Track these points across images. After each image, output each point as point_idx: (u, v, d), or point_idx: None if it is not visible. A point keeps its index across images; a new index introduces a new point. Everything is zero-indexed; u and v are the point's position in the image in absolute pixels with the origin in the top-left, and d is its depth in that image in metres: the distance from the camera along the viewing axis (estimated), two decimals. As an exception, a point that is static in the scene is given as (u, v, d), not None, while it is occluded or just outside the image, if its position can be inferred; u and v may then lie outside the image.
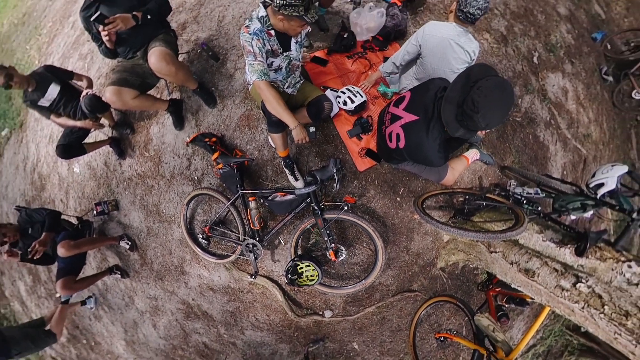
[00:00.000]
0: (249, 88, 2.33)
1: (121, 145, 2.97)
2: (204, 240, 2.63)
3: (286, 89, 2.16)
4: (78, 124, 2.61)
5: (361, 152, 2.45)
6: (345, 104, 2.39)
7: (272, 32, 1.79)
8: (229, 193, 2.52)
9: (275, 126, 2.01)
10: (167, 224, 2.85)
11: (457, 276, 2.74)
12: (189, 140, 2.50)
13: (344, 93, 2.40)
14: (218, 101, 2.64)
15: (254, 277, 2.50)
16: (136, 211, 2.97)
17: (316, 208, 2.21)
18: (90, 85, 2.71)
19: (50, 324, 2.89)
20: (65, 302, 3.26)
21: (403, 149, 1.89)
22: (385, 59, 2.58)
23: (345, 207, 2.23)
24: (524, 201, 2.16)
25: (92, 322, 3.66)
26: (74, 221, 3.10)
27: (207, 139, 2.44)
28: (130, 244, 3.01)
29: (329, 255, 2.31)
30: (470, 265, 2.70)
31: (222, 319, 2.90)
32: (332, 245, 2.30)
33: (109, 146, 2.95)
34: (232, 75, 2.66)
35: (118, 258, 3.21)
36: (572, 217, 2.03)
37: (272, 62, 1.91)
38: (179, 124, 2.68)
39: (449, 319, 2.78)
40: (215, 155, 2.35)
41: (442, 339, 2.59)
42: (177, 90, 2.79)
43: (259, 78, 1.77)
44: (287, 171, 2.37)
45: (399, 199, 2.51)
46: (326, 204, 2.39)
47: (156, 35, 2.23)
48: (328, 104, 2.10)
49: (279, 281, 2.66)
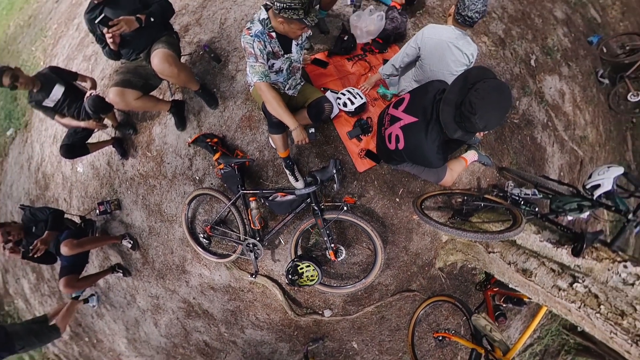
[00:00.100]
0: (250, 89, 2.35)
1: (124, 146, 2.99)
2: (205, 240, 2.65)
3: (287, 90, 2.17)
4: (82, 124, 2.63)
5: (361, 153, 2.46)
6: (345, 105, 2.40)
7: (273, 34, 1.80)
8: (230, 193, 2.53)
9: (276, 127, 2.03)
10: (169, 223, 2.87)
11: (456, 276, 2.75)
12: (190, 140, 2.52)
13: (344, 95, 2.41)
14: (220, 102, 2.66)
15: (254, 276, 2.52)
16: (138, 210, 2.99)
17: (316, 208, 2.22)
18: (94, 86, 2.74)
19: (57, 318, 2.91)
20: (75, 298, 3.30)
21: (402, 150, 1.89)
22: (385, 61, 2.60)
23: (345, 208, 2.24)
24: (522, 202, 2.18)
25: (95, 319, 3.68)
26: (77, 220, 3.13)
27: (208, 140, 2.46)
28: (132, 243, 3.03)
29: (329, 255, 2.33)
30: (469, 266, 2.71)
31: (223, 318, 2.92)
32: (332, 245, 2.31)
33: (112, 146, 2.97)
34: (234, 77, 2.68)
35: (120, 257, 3.23)
36: (569, 218, 2.04)
37: (273, 64, 1.92)
38: (181, 124, 2.70)
39: (447, 318, 2.79)
40: (217, 156, 2.36)
41: (440, 338, 2.58)
42: (180, 92, 2.81)
43: (259, 79, 1.78)
44: (287, 172, 2.39)
45: (398, 199, 2.53)
46: (326, 204, 2.40)
47: (159, 38, 2.25)
48: (328, 105, 2.11)
49: (279, 280, 2.67)
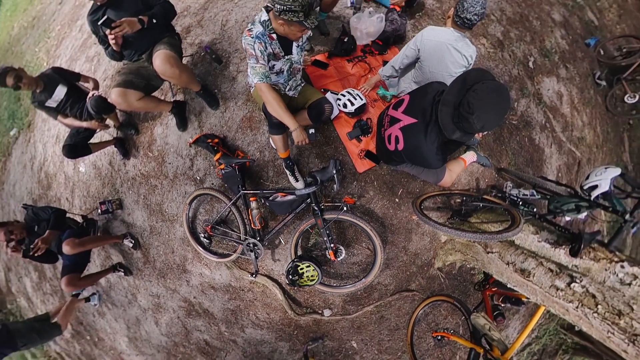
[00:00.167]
0: (251, 90, 2.37)
1: (126, 146, 3.01)
2: (205, 240, 2.67)
3: (287, 91, 2.18)
4: (84, 124, 2.65)
5: (360, 154, 2.47)
6: (345, 106, 2.41)
7: (274, 35, 1.81)
8: (230, 193, 2.54)
9: (276, 128, 2.04)
10: (170, 223, 2.89)
11: (454, 276, 2.76)
12: (192, 141, 2.53)
13: (344, 96, 2.42)
14: (221, 103, 2.68)
15: (254, 276, 2.53)
16: (140, 210, 3.01)
17: (316, 208, 2.23)
18: (96, 86, 2.76)
19: (58, 315, 2.93)
20: (75, 296, 3.32)
21: (402, 151, 1.90)
22: (385, 62, 2.61)
23: (345, 208, 2.25)
24: (520, 202, 2.19)
25: (96, 318, 3.70)
26: (79, 219, 3.15)
27: (209, 140, 2.47)
28: (133, 242, 3.05)
29: (329, 255, 2.34)
30: (467, 266, 2.72)
31: (223, 317, 2.93)
32: (332, 245, 2.32)
33: (113, 146, 2.99)
34: (235, 78, 2.70)
35: (121, 256, 3.25)
36: (567, 219, 2.05)
37: (273, 65, 1.93)
38: (182, 125, 2.72)
39: (446, 318, 2.80)
40: (218, 156, 2.37)
41: (439, 337, 2.60)
42: (181, 92, 2.83)
43: (260, 80, 1.79)
44: (287, 172, 2.40)
45: (397, 199, 2.54)
46: (326, 204, 2.41)
47: (161, 39, 2.26)
48: (328, 106, 2.12)
49: (279, 280, 2.69)
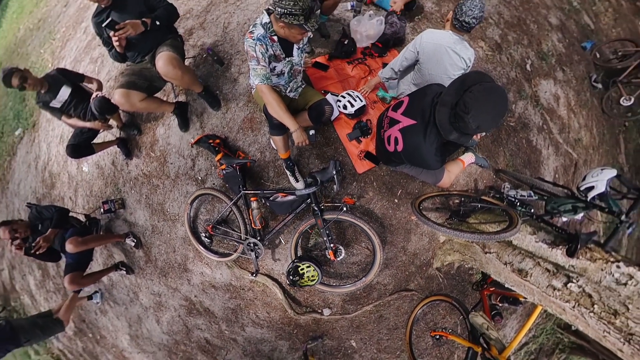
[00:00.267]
0: (252, 92, 2.39)
1: (128, 146, 3.04)
2: (206, 239, 2.69)
3: (288, 93, 2.20)
4: (88, 124, 2.69)
5: (360, 155, 2.49)
6: (345, 107, 2.43)
7: (275, 38, 1.83)
8: (231, 193, 2.56)
9: (277, 129, 2.06)
10: (172, 222, 2.91)
11: (453, 276, 2.78)
12: (193, 141, 2.55)
13: (344, 97, 2.45)
14: (222, 104, 2.70)
15: (254, 275, 2.55)
16: (142, 210, 3.04)
17: (316, 209, 2.25)
18: (100, 87, 2.79)
19: (60, 311, 2.96)
20: (76, 292, 3.35)
21: (401, 152, 1.91)
22: (384, 65, 2.62)
23: (345, 208, 2.27)
24: (518, 203, 2.19)
25: (98, 316, 3.73)
26: (82, 218, 3.17)
27: (211, 141, 2.49)
28: (135, 241, 3.08)
29: (328, 255, 2.35)
30: (466, 266, 2.74)
31: (224, 316, 2.95)
32: (331, 245, 2.34)
33: (116, 146, 3.02)
34: (236, 80, 2.73)
35: (124, 255, 3.28)
36: (564, 219, 2.07)
37: (274, 67, 1.95)
38: (184, 125, 2.74)
39: (444, 317, 2.82)
40: (219, 157, 2.39)
41: (437, 337, 2.61)
42: (183, 93, 2.86)
43: (261, 82, 1.81)
44: (288, 172, 2.42)
45: (396, 200, 2.56)
46: (326, 204, 2.43)
47: (164, 41, 2.29)
48: (329, 107, 2.14)
49: (279, 279, 2.70)
